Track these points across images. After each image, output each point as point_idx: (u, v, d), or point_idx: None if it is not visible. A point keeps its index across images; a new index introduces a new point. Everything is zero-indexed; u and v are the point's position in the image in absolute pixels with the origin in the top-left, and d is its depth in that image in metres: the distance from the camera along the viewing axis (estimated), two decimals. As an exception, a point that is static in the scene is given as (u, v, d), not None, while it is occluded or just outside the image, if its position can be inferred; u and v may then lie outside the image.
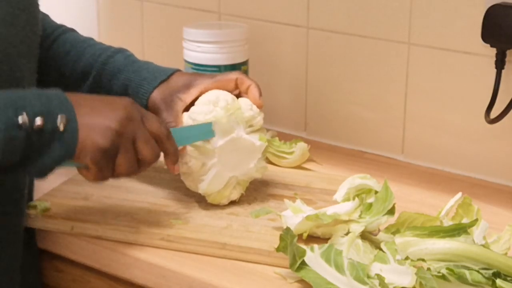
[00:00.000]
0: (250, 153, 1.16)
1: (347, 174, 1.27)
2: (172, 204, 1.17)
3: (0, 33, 1.02)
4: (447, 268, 0.93)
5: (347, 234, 1.05)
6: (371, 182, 1.10)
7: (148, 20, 1.73)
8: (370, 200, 1.08)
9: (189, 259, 1.07)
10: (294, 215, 1.07)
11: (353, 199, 1.08)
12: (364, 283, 0.95)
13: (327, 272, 0.96)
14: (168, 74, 1.20)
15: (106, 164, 1.01)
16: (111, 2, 1.78)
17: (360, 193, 1.09)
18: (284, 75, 1.55)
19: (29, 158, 0.97)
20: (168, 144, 1.07)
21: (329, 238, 1.06)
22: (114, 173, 1.03)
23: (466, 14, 1.31)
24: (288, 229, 1.00)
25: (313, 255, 0.98)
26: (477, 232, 1.04)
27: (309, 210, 1.08)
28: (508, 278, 0.94)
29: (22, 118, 0.95)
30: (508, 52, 1.27)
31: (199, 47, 1.41)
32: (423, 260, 0.95)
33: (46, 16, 1.31)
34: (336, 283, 0.95)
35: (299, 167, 1.35)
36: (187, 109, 1.17)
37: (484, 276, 0.93)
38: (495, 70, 1.28)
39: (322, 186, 1.24)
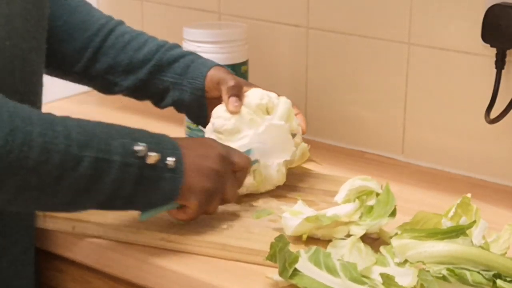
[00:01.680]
0: (281, 151, 1.18)
1: (347, 174, 1.28)
2: None
3: (17, 28, 1.03)
4: (448, 269, 0.93)
5: (348, 236, 1.04)
6: (372, 183, 1.09)
7: (148, 20, 1.73)
8: (371, 202, 1.08)
9: (189, 259, 1.06)
10: (295, 216, 1.07)
11: (354, 201, 1.08)
12: (362, 282, 0.95)
13: (319, 275, 0.95)
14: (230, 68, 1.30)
15: (206, 205, 1.06)
16: (111, 2, 1.78)
17: (361, 194, 1.09)
18: (284, 75, 1.55)
19: (138, 192, 1.00)
20: (243, 176, 1.12)
21: (329, 240, 1.05)
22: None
23: (466, 14, 1.31)
24: (281, 236, 0.98)
25: (301, 260, 0.96)
26: (476, 232, 1.04)
27: (309, 212, 1.08)
28: (508, 279, 0.94)
29: (139, 148, 0.99)
30: (508, 52, 1.27)
31: (199, 47, 1.41)
32: (422, 262, 0.95)
33: (91, 6, 1.35)
34: (333, 285, 0.94)
35: (299, 167, 1.35)
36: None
37: (484, 277, 0.93)
38: (495, 70, 1.28)
39: (325, 187, 1.24)
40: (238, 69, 1.42)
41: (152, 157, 0.99)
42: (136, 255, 1.08)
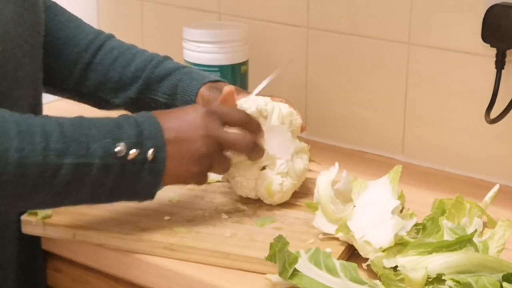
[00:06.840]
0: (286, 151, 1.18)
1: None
2: (176, 212, 1.15)
3: (9, 33, 1.04)
4: (452, 280, 0.93)
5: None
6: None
7: (148, 20, 1.73)
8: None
9: (189, 259, 1.07)
10: (326, 218, 1.08)
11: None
12: (362, 283, 0.94)
13: (319, 276, 0.94)
14: (217, 79, 1.28)
15: (206, 178, 1.09)
16: (111, 2, 1.78)
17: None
18: (284, 75, 1.55)
19: (120, 187, 1.02)
20: (251, 125, 1.12)
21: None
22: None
23: (466, 14, 1.31)
24: (280, 236, 0.98)
25: (301, 260, 0.96)
26: (470, 230, 1.04)
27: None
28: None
29: (119, 149, 1.00)
30: (508, 52, 1.27)
31: (199, 47, 1.41)
32: (442, 274, 0.94)
33: (81, 21, 1.34)
34: (333, 286, 0.94)
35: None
36: None
37: (491, 282, 0.92)
38: (495, 70, 1.28)
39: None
40: (238, 69, 1.42)
41: (132, 154, 1.01)
42: (136, 255, 1.08)
